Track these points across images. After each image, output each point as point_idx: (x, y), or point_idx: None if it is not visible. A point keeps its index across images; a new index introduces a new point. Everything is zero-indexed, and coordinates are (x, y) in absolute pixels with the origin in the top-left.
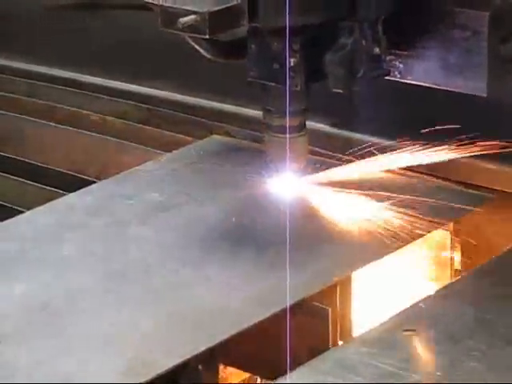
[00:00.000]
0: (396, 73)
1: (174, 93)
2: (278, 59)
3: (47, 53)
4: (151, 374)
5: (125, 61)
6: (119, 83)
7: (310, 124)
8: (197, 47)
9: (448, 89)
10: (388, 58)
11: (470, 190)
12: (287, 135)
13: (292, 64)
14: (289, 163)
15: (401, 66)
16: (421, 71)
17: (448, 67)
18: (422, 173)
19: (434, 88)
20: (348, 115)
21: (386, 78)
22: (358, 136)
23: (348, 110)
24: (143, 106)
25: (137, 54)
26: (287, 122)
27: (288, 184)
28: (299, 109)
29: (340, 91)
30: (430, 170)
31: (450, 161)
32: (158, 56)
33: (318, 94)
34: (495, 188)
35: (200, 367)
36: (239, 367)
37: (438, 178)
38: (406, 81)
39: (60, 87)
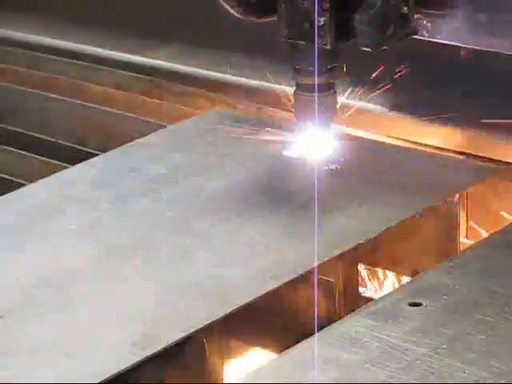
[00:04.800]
0: (424, 32)
1: (177, 64)
2: (307, 18)
3: (48, 24)
4: (156, 348)
5: (127, 31)
6: (121, 54)
7: None
8: (226, 6)
9: (477, 47)
10: (415, 17)
11: (477, 162)
12: (316, 93)
13: (322, 23)
14: (317, 122)
15: (428, 25)
16: (449, 30)
17: (476, 25)
18: (428, 145)
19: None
20: None
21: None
22: None
23: None
24: (145, 77)
25: (139, 25)
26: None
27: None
28: (329, 67)
29: (369, 50)
30: (437, 141)
31: (457, 132)
32: (161, 26)
33: None
34: (502, 159)
35: (205, 341)
36: (244, 340)
37: (444, 149)
38: (434, 40)
39: (61, 58)
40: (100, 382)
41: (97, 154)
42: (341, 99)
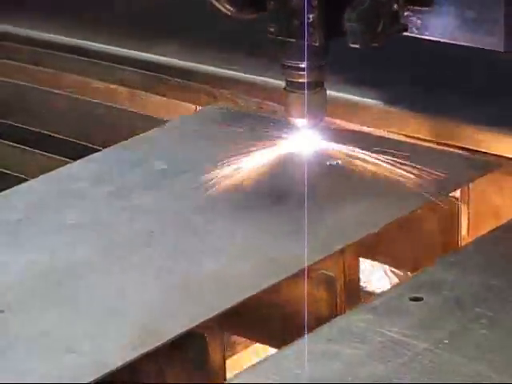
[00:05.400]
0: (413, 29)
1: (179, 59)
2: (297, 15)
3: (52, 20)
4: (157, 343)
5: (129, 27)
6: (123, 50)
7: None
8: (215, 3)
9: (465, 44)
10: (405, 13)
11: (477, 157)
12: (306, 91)
13: (311, 20)
14: (307, 119)
15: (418, 21)
16: (438, 27)
17: (465, 22)
18: (429, 141)
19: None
20: None
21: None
22: None
23: None
24: (148, 72)
25: (142, 21)
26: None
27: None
28: (318, 64)
29: (358, 47)
30: (437, 136)
31: (457, 127)
32: (163, 22)
33: None
34: (502, 155)
35: (206, 335)
36: (245, 335)
37: (445, 144)
38: (423, 36)
39: (64, 54)
40: (100, 377)
41: (99, 150)
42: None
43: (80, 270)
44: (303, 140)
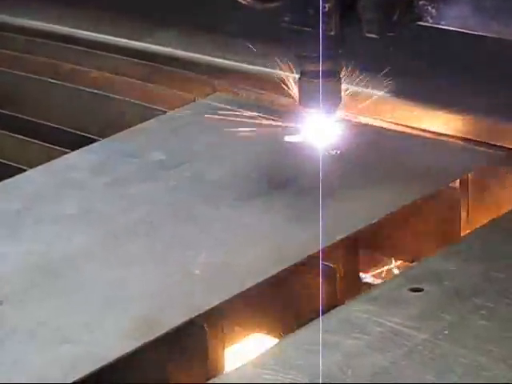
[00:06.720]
0: (428, 18)
1: (177, 49)
2: (312, 4)
3: (47, 9)
4: (156, 334)
5: (127, 17)
6: (120, 39)
7: None
8: None
9: (481, 34)
10: (420, 2)
11: (478, 147)
12: (321, 80)
13: (326, 9)
14: (321, 108)
15: (433, 10)
16: (453, 16)
17: (481, 12)
18: (430, 131)
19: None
20: None
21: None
22: None
23: None
24: (146, 62)
25: (140, 10)
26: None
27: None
28: (333, 53)
29: (374, 36)
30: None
31: (458, 118)
32: (162, 11)
33: None
34: (503, 145)
35: (205, 326)
36: (245, 326)
37: (446, 135)
38: (438, 26)
39: (61, 44)
40: (99, 368)
41: (97, 140)
42: None
43: (78, 261)
44: (305, 129)
